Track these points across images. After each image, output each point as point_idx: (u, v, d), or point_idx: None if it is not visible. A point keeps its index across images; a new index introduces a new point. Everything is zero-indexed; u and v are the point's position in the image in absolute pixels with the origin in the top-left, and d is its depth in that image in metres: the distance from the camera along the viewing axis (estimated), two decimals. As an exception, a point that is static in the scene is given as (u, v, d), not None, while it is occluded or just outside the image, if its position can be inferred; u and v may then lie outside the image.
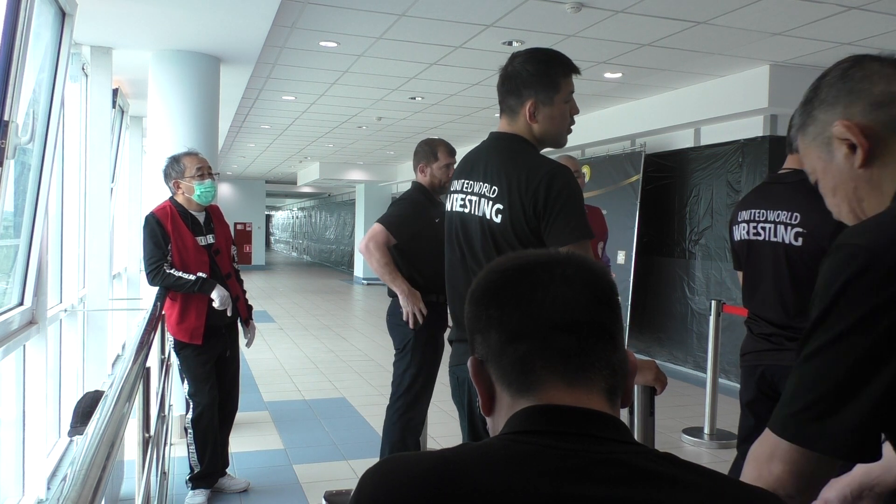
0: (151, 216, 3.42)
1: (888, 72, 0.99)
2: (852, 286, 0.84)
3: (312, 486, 3.79)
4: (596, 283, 0.83)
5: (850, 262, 0.85)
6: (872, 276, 0.83)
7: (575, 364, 0.79)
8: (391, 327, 3.44)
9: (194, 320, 3.39)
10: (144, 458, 1.99)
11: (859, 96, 0.99)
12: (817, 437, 0.85)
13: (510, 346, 0.81)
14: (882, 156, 0.98)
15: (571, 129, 2.10)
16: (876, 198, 0.99)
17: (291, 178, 19.76)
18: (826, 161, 1.03)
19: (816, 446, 0.85)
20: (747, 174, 6.36)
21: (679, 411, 5.49)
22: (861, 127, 0.98)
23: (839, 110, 1.00)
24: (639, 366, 1.88)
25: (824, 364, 0.85)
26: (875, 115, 0.97)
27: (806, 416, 0.86)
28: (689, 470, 0.74)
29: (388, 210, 3.46)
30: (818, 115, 1.03)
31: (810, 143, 1.05)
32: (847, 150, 0.99)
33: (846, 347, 0.84)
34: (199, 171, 3.47)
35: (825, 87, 1.03)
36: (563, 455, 0.73)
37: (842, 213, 1.05)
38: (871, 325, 0.83)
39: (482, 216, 2.01)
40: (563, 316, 0.80)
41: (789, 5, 4.20)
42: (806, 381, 0.87)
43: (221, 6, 3.97)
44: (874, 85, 0.98)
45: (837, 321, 0.85)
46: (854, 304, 0.84)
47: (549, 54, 2.03)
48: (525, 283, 0.83)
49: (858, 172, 0.99)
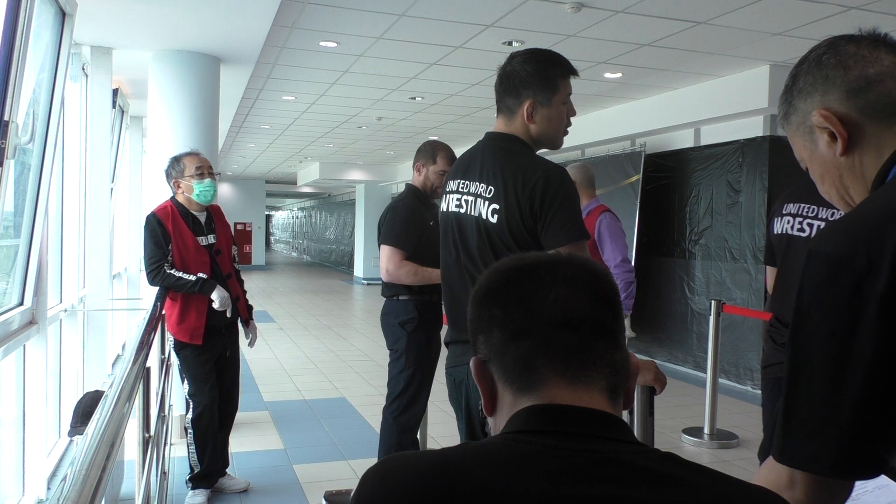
0: (152, 216, 3.42)
1: (864, 53, 0.97)
2: (822, 295, 0.83)
3: (312, 486, 3.79)
4: (597, 283, 0.84)
5: (820, 270, 0.84)
6: (841, 285, 0.81)
7: (577, 361, 0.80)
8: (385, 326, 3.44)
9: (195, 320, 3.39)
10: (144, 458, 1.99)
11: (834, 83, 0.97)
12: (810, 457, 0.83)
13: (512, 344, 0.81)
14: (862, 143, 0.96)
15: (568, 130, 2.10)
16: (860, 185, 0.97)
17: (291, 178, 19.76)
18: (811, 150, 1.02)
19: (812, 467, 0.83)
20: (747, 174, 6.36)
21: (679, 411, 5.49)
22: (839, 115, 0.96)
23: (816, 99, 0.99)
24: (639, 366, 1.88)
25: (804, 380, 0.84)
26: (851, 101, 0.96)
27: (797, 437, 0.84)
28: (692, 470, 0.74)
29: (386, 224, 3.36)
30: (798, 104, 1.02)
31: (794, 131, 1.04)
32: (828, 139, 0.98)
33: (821, 360, 0.82)
34: (198, 170, 3.47)
35: (802, 74, 1.02)
36: (564, 455, 0.73)
37: (833, 200, 1.03)
38: (845, 336, 0.81)
39: (478, 216, 2.01)
40: (565, 314, 0.80)
41: (789, 5, 4.20)
42: (790, 399, 0.85)
43: (221, 6, 3.97)
44: (849, 71, 0.96)
45: (811, 334, 0.83)
46: (826, 315, 0.82)
47: (548, 55, 2.03)
48: (527, 283, 0.83)
49: (841, 160, 0.98)
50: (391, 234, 3.27)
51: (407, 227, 3.28)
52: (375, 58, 5.69)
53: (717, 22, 4.55)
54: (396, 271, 3.22)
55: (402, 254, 3.24)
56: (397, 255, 3.23)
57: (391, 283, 3.40)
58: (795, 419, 0.85)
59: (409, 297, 3.35)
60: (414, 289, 3.34)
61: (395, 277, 3.24)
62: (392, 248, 3.24)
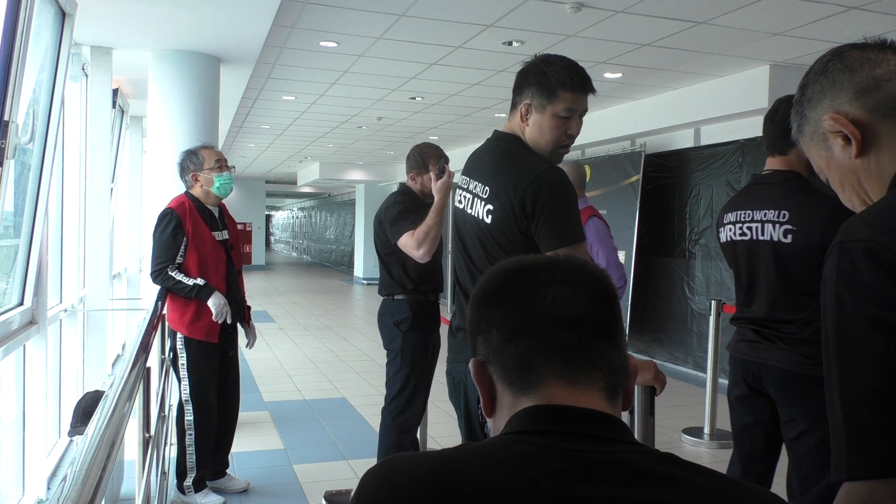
0: (170, 212, 3.33)
1: (870, 56, 0.97)
2: (859, 282, 0.81)
3: (312, 486, 3.79)
4: (595, 284, 0.84)
5: (854, 259, 0.82)
6: (879, 269, 0.80)
7: (576, 360, 0.80)
8: (381, 326, 3.43)
9: (211, 318, 3.36)
10: (144, 458, 1.99)
11: (842, 87, 0.97)
12: (881, 463, 0.77)
13: (511, 344, 0.82)
14: (876, 143, 0.95)
15: (566, 147, 2.03)
16: (878, 185, 0.96)
17: (291, 178, 19.76)
18: (827, 157, 1.01)
19: (886, 473, 0.77)
20: (747, 174, 6.36)
21: (679, 411, 5.49)
22: (850, 117, 0.96)
23: (826, 104, 0.99)
24: (639, 366, 1.88)
25: (860, 378, 0.79)
26: (861, 102, 0.96)
27: (860, 446, 0.79)
28: (691, 470, 0.74)
29: (387, 222, 3.28)
30: (809, 113, 1.02)
31: (809, 142, 1.04)
32: (843, 143, 0.97)
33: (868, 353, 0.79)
34: (217, 163, 3.44)
35: (809, 84, 1.02)
36: (564, 455, 0.73)
37: (855, 206, 1.02)
38: (886, 325, 0.78)
39: (475, 216, 2.01)
40: (564, 313, 0.81)
41: (789, 5, 4.20)
42: (847, 404, 0.80)
43: (221, 6, 3.97)
44: (855, 73, 0.96)
45: (855, 325, 0.80)
46: (869, 301, 0.80)
47: (568, 65, 1.96)
48: (526, 283, 0.83)
49: (857, 163, 0.97)
50: (396, 227, 3.19)
51: (405, 214, 3.21)
52: (375, 58, 5.69)
53: (717, 22, 4.55)
54: (419, 249, 3.07)
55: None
56: (407, 235, 3.12)
57: (387, 283, 3.39)
58: (857, 424, 0.79)
59: (404, 296, 3.33)
60: (409, 288, 3.33)
61: (427, 251, 3.08)
62: (406, 236, 3.13)
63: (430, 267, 3.33)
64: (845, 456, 0.80)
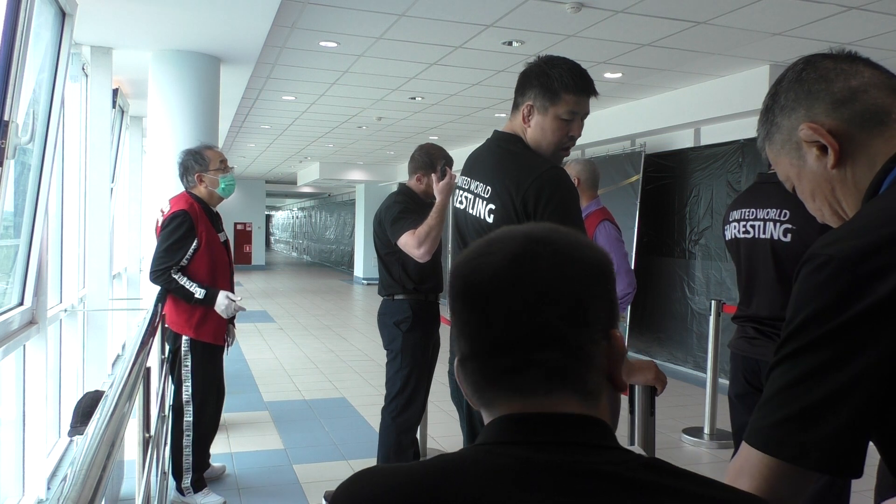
0: (185, 214, 3.28)
1: (844, 67, 0.97)
2: (826, 296, 0.82)
3: (312, 486, 3.79)
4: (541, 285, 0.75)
5: (823, 271, 0.83)
6: (844, 285, 0.81)
7: (519, 381, 0.76)
8: (381, 326, 3.43)
9: (218, 320, 3.36)
10: (144, 458, 1.99)
11: (818, 96, 0.97)
12: (800, 451, 0.82)
13: (463, 365, 0.81)
14: (852, 153, 0.95)
15: (567, 149, 2.03)
16: (853, 196, 0.97)
17: (291, 178, 19.76)
18: (799, 167, 1.01)
19: (800, 461, 0.82)
20: (747, 174, 6.36)
21: (679, 411, 5.49)
22: (827, 127, 0.96)
23: (801, 113, 0.98)
24: (639, 366, 1.88)
25: (803, 374, 0.83)
26: (838, 112, 0.96)
27: (786, 429, 0.83)
28: (676, 476, 0.72)
29: (387, 221, 3.29)
30: (781, 121, 1.01)
31: (779, 150, 1.03)
32: (818, 152, 0.97)
33: (823, 357, 0.81)
34: (222, 163, 3.44)
35: (782, 92, 1.01)
36: (540, 468, 0.71)
37: (825, 216, 1.02)
38: (847, 335, 0.80)
39: (477, 215, 2.01)
40: (498, 336, 0.76)
41: (789, 5, 4.20)
42: (784, 391, 0.84)
43: (221, 6, 3.97)
44: (831, 83, 0.96)
45: (813, 331, 0.82)
46: (829, 314, 0.81)
47: (572, 67, 1.97)
48: (466, 308, 0.79)
49: (832, 173, 0.97)
50: (396, 227, 3.20)
51: (406, 214, 3.22)
52: (375, 58, 5.69)
53: (717, 22, 4.55)
54: (419, 248, 3.08)
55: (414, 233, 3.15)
56: (408, 234, 3.13)
57: (387, 283, 3.39)
58: (784, 412, 0.83)
59: (404, 296, 3.34)
60: (409, 288, 3.33)
61: (427, 251, 3.10)
62: (406, 236, 3.13)
63: (430, 267, 3.34)
64: (774, 429, 0.84)
